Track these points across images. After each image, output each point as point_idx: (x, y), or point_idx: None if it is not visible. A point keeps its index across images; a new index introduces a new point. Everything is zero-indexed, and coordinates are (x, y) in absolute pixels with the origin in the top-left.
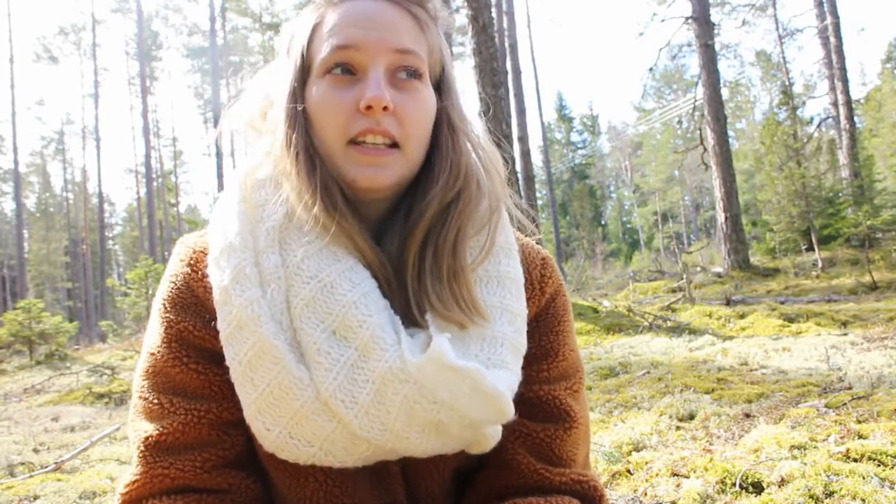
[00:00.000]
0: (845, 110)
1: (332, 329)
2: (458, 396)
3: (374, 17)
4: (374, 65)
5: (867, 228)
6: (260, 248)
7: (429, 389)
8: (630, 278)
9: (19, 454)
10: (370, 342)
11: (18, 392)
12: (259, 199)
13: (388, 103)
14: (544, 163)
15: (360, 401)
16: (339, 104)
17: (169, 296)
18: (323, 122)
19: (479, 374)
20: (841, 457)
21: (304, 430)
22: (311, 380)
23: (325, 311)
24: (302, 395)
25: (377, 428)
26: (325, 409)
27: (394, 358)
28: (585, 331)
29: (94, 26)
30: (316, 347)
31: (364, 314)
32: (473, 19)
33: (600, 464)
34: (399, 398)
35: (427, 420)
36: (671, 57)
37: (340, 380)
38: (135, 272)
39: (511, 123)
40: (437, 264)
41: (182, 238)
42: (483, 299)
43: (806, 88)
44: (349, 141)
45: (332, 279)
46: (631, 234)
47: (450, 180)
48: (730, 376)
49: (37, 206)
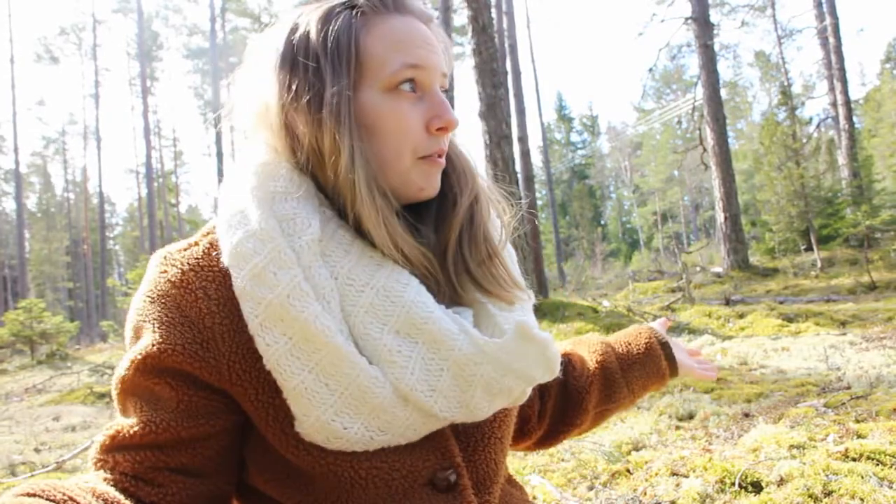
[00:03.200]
0: (844, 110)
1: (396, 329)
2: (529, 364)
3: (429, 40)
4: (435, 86)
5: (866, 228)
6: (305, 263)
7: (504, 363)
8: (630, 278)
9: (20, 453)
10: (437, 335)
11: (20, 391)
12: (286, 213)
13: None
14: (544, 163)
15: (439, 388)
16: (413, 122)
17: (157, 316)
18: (395, 136)
19: (550, 341)
20: (840, 456)
21: (379, 421)
22: (385, 377)
23: (385, 314)
24: (381, 391)
25: (455, 406)
26: (401, 400)
27: (465, 345)
28: (585, 331)
29: (94, 26)
30: (387, 349)
31: (425, 311)
32: (473, 19)
33: (600, 463)
34: (476, 378)
35: (500, 389)
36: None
37: (417, 373)
38: (135, 272)
39: (511, 123)
40: (476, 247)
41: (164, 253)
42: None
43: (805, 89)
44: (419, 157)
45: (382, 284)
46: (630, 234)
47: (464, 178)
48: (729, 376)
49: (38, 206)
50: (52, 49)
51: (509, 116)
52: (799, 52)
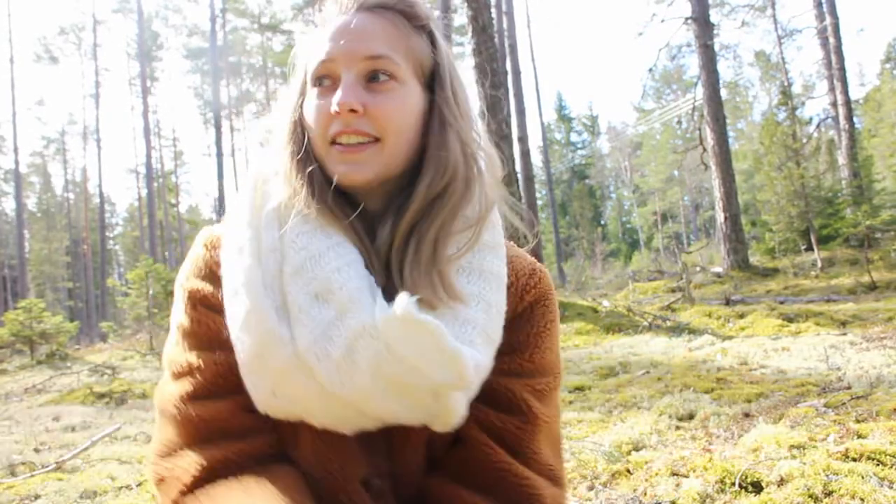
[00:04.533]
0: (844, 110)
1: (315, 292)
2: (422, 354)
3: (349, 30)
4: (346, 73)
5: (866, 228)
6: (261, 226)
7: (394, 348)
8: (630, 278)
9: (20, 454)
10: (348, 303)
11: (19, 391)
12: (266, 190)
13: (353, 105)
14: (544, 163)
15: (332, 355)
16: (319, 110)
17: (190, 271)
18: (311, 126)
19: (440, 330)
20: (840, 456)
21: (285, 388)
22: (293, 339)
23: (310, 276)
24: (282, 352)
25: (346, 384)
26: (303, 366)
27: (367, 316)
28: (585, 331)
29: (94, 26)
30: (297, 307)
31: (345, 278)
32: (473, 19)
33: (600, 463)
34: (368, 353)
35: (392, 379)
36: (671, 57)
37: (316, 335)
38: (135, 272)
39: (511, 123)
40: (418, 254)
41: (204, 228)
42: (462, 287)
43: (805, 89)
44: (330, 142)
45: (320, 250)
46: (630, 234)
47: (435, 177)
48: (729, 376)
49: (38, 206)
50: (51, 49)
51: (509, 116)
52: (799, 52)
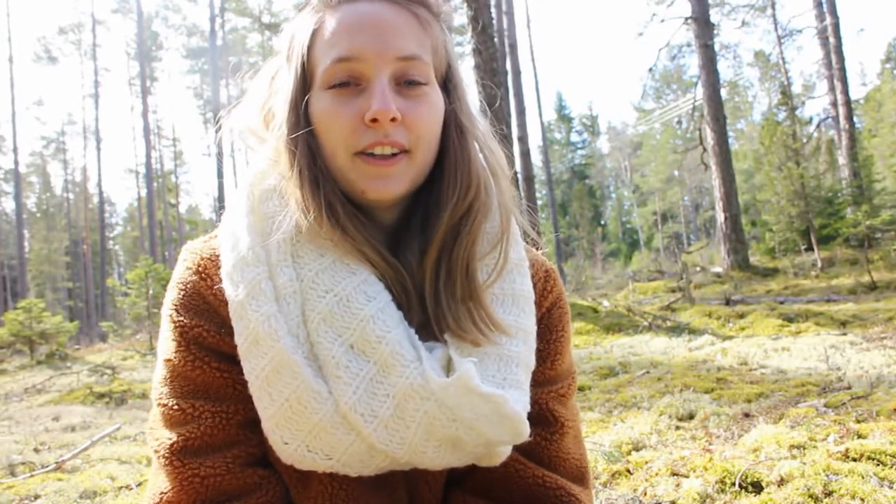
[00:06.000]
0: (844, 110)
1: (350, 343)
2: (478, 418)
3: (375, 23)
4: (379, 75)
5: (866, 228)
6: (273, 262)
7: (450, 408)
8: (630, 278)
9: (20, 454)
10: (390, 358)
11: (19, 392)
12: (268, 211)
13: (395, 114)
14: (544, 163)
15: (380, 415)
16: (344, 117)
17: (180, 302)
18: (328, 135)
19: (503, 399)
20: (840, 456)
21: (322, 443)
22: (330, 394)
23: (342, 325)
24: (321, 408)
25: (396, 442)
26: (343, 422)
27: (415, 375)
28: (585, 331)
29: (94, 26)
30: (335, 361)
31: (383, 330)
32: (473, 19)
33: (600, 463)
34: (420, 414)
35: (445, 436)
36: (671, 57)
37: (360, 394)
38: (135, 272)
39: (511, 123)
40: (451, 283)
41: (187, 245)
42: (501, 318)
43: (805, 89)
44: (357, 152)
45: (347, 293)
46: (630, 234)
47: (460, 192)
48: (729, 376)
49: (37, 206)
50: (51, 49)
51: (509, 116)
52: (799, 52)
